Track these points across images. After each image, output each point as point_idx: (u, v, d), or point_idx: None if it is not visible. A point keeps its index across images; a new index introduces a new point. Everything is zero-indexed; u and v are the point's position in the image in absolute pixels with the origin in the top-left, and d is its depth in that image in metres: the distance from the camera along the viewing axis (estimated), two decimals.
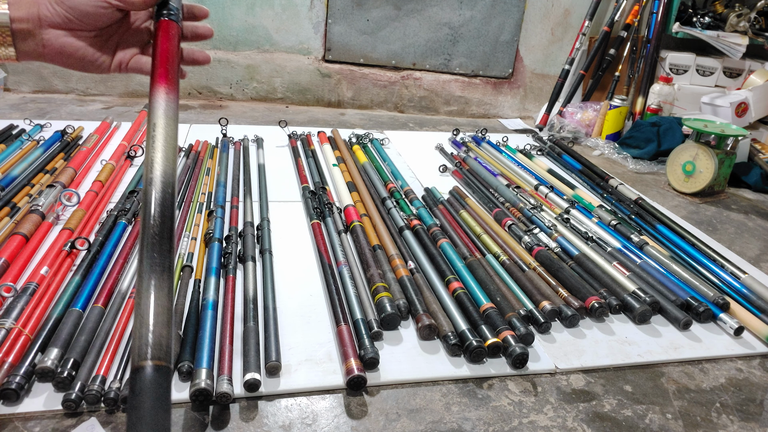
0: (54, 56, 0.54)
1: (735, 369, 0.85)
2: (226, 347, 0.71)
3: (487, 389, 0.75)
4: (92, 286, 0.82)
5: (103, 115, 1.72)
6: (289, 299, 0.89)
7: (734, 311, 0.96)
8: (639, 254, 1.11)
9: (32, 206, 1.01)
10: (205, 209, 1.09)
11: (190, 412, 0.65)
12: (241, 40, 2.01)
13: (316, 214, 1.13)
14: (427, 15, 2.11)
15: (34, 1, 0.52)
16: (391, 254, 0.99)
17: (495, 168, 1.52)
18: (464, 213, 1.20)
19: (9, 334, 0.69)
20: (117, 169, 1.26)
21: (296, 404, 0.69)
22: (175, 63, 0.54)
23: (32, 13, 0.52)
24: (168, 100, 0.50)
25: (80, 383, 0.64)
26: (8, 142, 1.34)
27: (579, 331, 0.89)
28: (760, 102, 1.91)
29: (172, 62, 0.54)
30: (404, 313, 0.85)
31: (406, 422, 0.68)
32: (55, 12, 0.52)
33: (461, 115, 2.29)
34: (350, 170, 1.38)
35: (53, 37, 0.53)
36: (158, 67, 0.53)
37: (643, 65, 2.05)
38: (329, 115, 2.07)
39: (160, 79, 0.52)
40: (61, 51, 0.54)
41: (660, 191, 1.61)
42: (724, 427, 0.73)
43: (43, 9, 0.52)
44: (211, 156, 1.37)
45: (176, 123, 0.50)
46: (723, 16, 2.02)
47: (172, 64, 0.54)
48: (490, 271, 0.98)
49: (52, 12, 0.52)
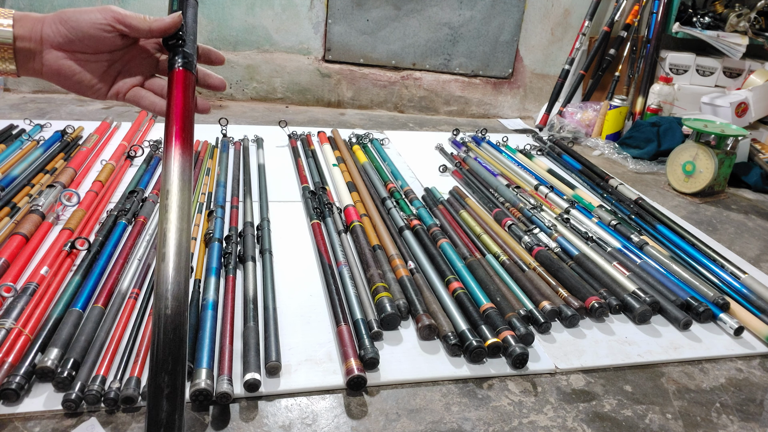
0: (51, 76, 0.54)
1: (735, 369, 0.85)
2: (226, 347, 0.71)
3: (487, 389, 0.75)
4: (92, 286, 0.82)
5: (103, 115, 1.72)
6: (289, 299, 0.89)
7: (734, 311, 0.96)
8: (639, 254, 1.11)
9: (32, 206, 1.01)
10: (205, 209, 1.09)
11: (190, 412, 0.65)
12: (241, 40, 2.01)
13: (316, 214, 1.13)
14: (427, 15, 2.11)
15: (38, 19, 0.52)
16: (391, 254, 0.99)
17: (495, 168, 1.52)
18: (464, 213, 1.20)
19: (9, 334, 0.69)
20: (117, 169, 1.26)
21: (296, 404, 0.69)
22: (191, 121, 0.51)
23: (36, 31, 0.51)
24: (183, 162, 0.47)
25: (80, 383, 0.64)
26: (8, 142, 1.34)
27: (579, 331, 0.89)
28: (760, 102, 1.91)
29: (188, 120, 0.51)
30: (404, 313, 0.85)
31: (406, 422, 0.68)
32: (58, 32, 0.52)
33: (461, 115, 2.29)
34: (350, 170, 1.38)
35: (52, 59, 0.53)
36: (172, 125, 0.50)
37: (643, 65, 2.05)
38: (329, 115, 2.07)
39: (175, 139, 0.48)
40: (58, 72, 0.53)
41: (660, 191, 1.61)
42: (724, 427, 0.73)
43: (46, 28, 0.52)
44: (211, 156, 1.37)
45: (190, 188, 0.48)
46: (723, 16, 2.02)
47: (187, 122, 0.50)
48: (490, 271, 0.98)
49: (54, 32, 0.52)
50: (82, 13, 0.52)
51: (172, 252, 0.43)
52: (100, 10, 0.52)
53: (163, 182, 0.47)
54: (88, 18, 0.52)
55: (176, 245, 0.44)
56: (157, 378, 0.40)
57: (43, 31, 0.52)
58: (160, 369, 0.40)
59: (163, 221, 0.44)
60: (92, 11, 0.52)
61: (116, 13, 0.52)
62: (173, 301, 0.42)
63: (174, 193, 0.46)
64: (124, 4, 1.87)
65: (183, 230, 0.45)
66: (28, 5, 1.82)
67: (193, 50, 0.56)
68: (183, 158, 0.48)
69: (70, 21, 0.51)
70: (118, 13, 0.53)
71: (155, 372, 0.40)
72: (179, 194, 0.46)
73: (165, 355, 0.40)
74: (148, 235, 0.98)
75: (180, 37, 0.54)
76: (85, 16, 0.52)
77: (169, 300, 0.42)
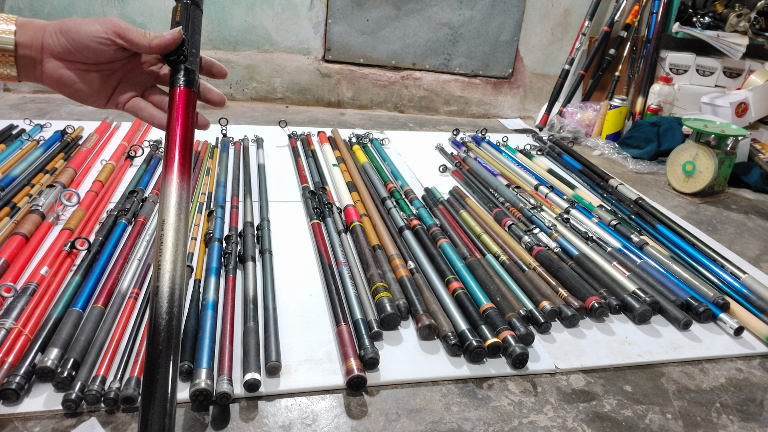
0: (51, 84, 0.54)
1: (735, 369, 0.85)
2: (226, 347, 0.71)
3: (487, 389, 0.75)
4: (92, 286, 0.81)
5: (102, 115, 1.72)
6: (289, 299, 0.89)
7: (734, 311, 0.96)
8: (639, 254, 1.11)
9: (32, 206, 1.01)
10: (205, 209, 1.09)
11: (190, 412, 0.65)
12: (240, 40, 2.01)
13: (316, 214, 1.13)
14: (427, 15, 2.11)
15: (40, 28, 0.52)
16: (391, 254, 0.98)
17: (495, 168, 1.52)
18: (464, 213, 1.20)
19: (9, 334, 0.69)
20: (117, 169, 1.26)
21: (296, 404, 0.69)
22: (191, 145, 0.50)
23: (37, 39, 0.51)
24: (180, 190, 0.46)
25: (80, 383, 0.64)
26: (8, 142, 1.34)
27: (579, 331, 0.89)
28: (760, 102, 1.91)
29: (188, 145, 0.49)
30: (404, 313, 0.85)
31: (406, 422, 0.68)
32: (58, 42, 0.51)
33: (461, 115, 2.29)
34: (350, 170, 1.38)
35: (53, 68, 0.52)
36: (171, 149, 0.48)
37: (643, 65, 2.05)
38: (329, 115, 2.07)
39: (175, 166, 0.47)
40: (58, 81, 0.53)
41: (660, 191, 1.61)
42: (724, 427, 0.73)
43: (47, 37, 0.51)
44: (211, 156, 1.37)
45: (188, 218, 0.47)
46: (723, 16, 2.02)
47: (187, 147, 0.49)
48: (490, 271, 0.98)
49: (55, 41, 0.51)
50: (83, 24, 0.52)
51: (166, 288, 0.43)
52: (101, 23, 0.52)
53: (159, 210, 0.46)
54: (89, 30, 0.51)
55: (170, 281, 0.44)
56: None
57: (44, 40, 0.51)
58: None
59: (159, 252, 0.44)
60: (93, 23, 0.52)
61: (117, 27, 0.52)
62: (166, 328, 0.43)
63: (170, 224, 0.45)
64: (124, 4, 1.87)
65: (177, 264, 0.45)
66: (28, 5, 1.82)
67: (196, 66, 0.54)
68: (181, 185, 0.47)
69: (70, 32, 0.51)
70: (119, 27, 0.52)
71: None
72: (175, 224, 0.45)
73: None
74: (148, 235, 0.98)
75: (182, 53, 0.53)
76: (86, 28, 0.51)
77: (161, 335, 0.43)
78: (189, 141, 0.51)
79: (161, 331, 0.42)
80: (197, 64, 0.55)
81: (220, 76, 0.59)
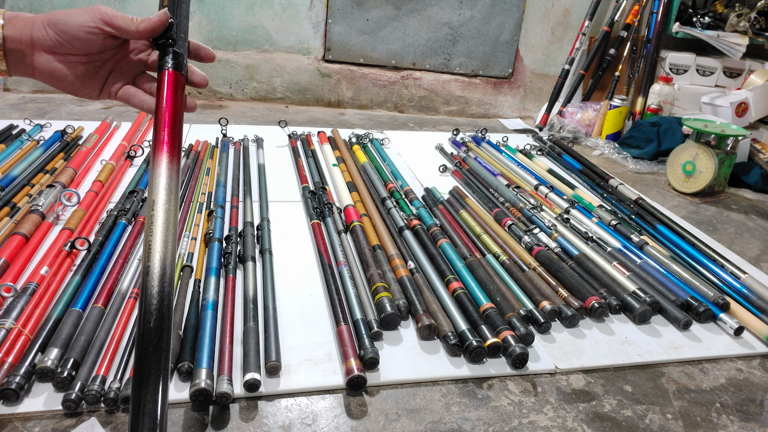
0: (43, 77, 0.54)
1: (735, 369, 0.85)
2: (226, 347, 0.71)
3: (487, 389, 0.75)
4: (92, 286, 0.81)
5: (102, 115, 1.72)
6: (289, 299, 0.89)
7: (734, 311, 0.96)
8: (639, 254, 1.11)
9: (32, 206, 1.01)
10: (205, 209, 1.09)
11: (190, 412, 0.65)
12: (240, 39, 2.01)
13: (316, 214, 1.13)
14: (427, 15, 2.11)
15: (29, 22, 0.51)
16: (391, 254, 0.98)
17: (495, 168, 1.52)
18: (464, 213, 1.20)
19: (9, 334, 0.69)
20: (117, 169, 1.26)
21: (296, 404, 0.69)
22: (180, 127, 0.50)
23: (25, 33, 0.51)
24: (170, 170, 0.47)
25: (80, 383, 0.64)
26: (8, 142, 1.34)
27: (579, 331, 0.89)
28: (760, 102, 1.91)
29: (177, 126, 0.50)
30: (404, 313, 0.85)
31: (406, 422, 0.68)
32: (47, 35, 0.51)
33: (461, 115, 2.29)
34: (350, 170, 1.38)
35: (44, 61, 0.52)
36: (160, 131, 0.48)
37: (643, 65, 2.05)
38: (329, 115, 2.07)
39: (164, 146, 0.47)
40: (50, 74, 0.53)
41: (660, 191, 1.60)
42: (724, 427, 0.73)
43: (36, 31, 0.51)
44: (211, 156, 1.37)
45: (177, 197, 0.47)
46: (723, 16, 2.02)
47: (176, 128, 0.49)
48: (490, 271, 0.98)
49: (44, 35, 0.51)
50: (71, 15, 0.51)
51: (156, 268, 0.43)
52: (88, 12, 0.52)
53: (149, 191, 0.46)
54: (77, 21, 0.51)
55: (160, 261, 0.44)
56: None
57: (33, 34, 0.51)
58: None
59: (149, 233, 0.44)
60: (80, 13, 0.52)
61: (104, 14, 0.52)
62: (157, 317, 0.43)
63: (160, 204, 0.45)
64: (124, 5, 1.87)
65: (168, 244, 0.44)
66: (28, 5, 1.82)
67: (184, 49, 0.54)
68: (170, 166, 0.48)
69: (59, 24, 0.51)
70: (105, 14, 0.52)
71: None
72: (165, 205, 0.45)
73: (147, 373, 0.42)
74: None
75: (170, 36, 0.53)
76: (74, 19, 0.51)
77: (153, 315, 0.42)
78: (178, 123, 0.51)
79: (153, 311, 0.42)
80: (186, 48, 0.55)
81: (208, 60, 0.59)
